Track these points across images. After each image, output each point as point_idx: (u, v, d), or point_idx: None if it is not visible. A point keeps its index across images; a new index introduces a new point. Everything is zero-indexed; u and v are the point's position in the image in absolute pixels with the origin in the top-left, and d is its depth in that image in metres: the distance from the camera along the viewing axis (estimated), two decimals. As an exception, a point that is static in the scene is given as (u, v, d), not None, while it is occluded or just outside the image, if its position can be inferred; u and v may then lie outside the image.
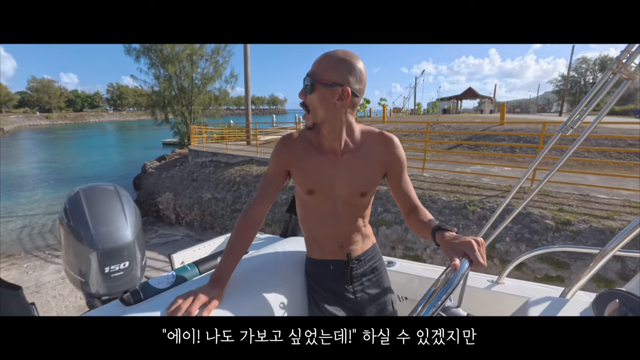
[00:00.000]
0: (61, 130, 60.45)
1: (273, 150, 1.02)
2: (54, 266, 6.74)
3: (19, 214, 11.10)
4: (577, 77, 53.99)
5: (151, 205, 10.84)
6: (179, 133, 20.45)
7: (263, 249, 1.28)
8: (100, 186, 1.37)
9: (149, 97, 20.14)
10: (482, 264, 0.67)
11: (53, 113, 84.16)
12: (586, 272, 0.89)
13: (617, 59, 1.01)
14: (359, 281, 1.10)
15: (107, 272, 1.23)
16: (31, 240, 8.73)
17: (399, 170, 1.01)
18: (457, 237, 0.74)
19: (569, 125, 1.14)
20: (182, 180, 10.36)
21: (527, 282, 1.28)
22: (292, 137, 1.01)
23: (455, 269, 0.64)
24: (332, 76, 0.85)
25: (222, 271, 0.93)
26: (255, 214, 1.00)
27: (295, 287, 1.13)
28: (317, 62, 0.88)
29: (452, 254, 0.70)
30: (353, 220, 1.07)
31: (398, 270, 1.40)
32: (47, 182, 16.45)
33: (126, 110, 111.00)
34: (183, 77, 19.05)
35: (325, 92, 0.87)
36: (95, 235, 1.19)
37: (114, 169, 20.13)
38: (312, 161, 0.98)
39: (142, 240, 1.40)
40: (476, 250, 0.68)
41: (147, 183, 11.97)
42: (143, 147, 32.27)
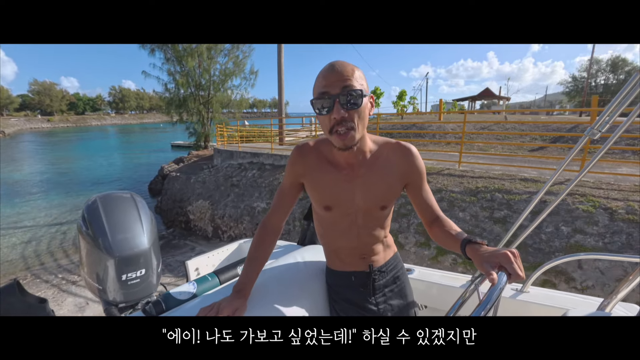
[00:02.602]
0: (63, 133, 59.13)
1: (288, 160, 1.00)
2: (72, 299, 5.12)
3: (22, 225, 9.44)
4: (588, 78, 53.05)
5: (178, 215, 9.23)
6: (195, 134, 18.83)
7: (282, 257, 1.26)
8: (116, 194, 1.36)
9: (161, 95, 18.51)
10: (521, 276, 0.65)
11: (54, 116, 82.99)
12: (628, 282, 0.80)
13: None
14: (382, 292, 1.07)
15: (124, 280, 1.20)
16: (38, 259, 7.10)
17: (419, 180, 0.98)
18: (490, 250, 0.72)
19: (597, 129, 1.07)
20: (217, 185, 8.75)
21: (554, 290, 1.24)
22: (308, 147, 0.98)
23: (494, 283, 0.62)
24: (364, 85, 0.83)
25: (244, 282, 0.94)
26: (273, 223, 1.02)
27: (317, 297, 1.12)
28: (346, 71, 0.80)
29: (487, 268, 0.67)
30: (374, 232, 1.03)
31: (417, 277, 1.40)
32: (52, 187, 14.79)
33: (128, 113, 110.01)
34: (200, 72, 17.51)
35: (366, 102, 0.84)
36: (112, 243, 1.19)
37: (124, 173, 18.48)
38: (328, 178, 0.95)
39: (158, 247, 1.36)
40: (513, 263, 0.66)
41: (171, 189, 10.35)
42: (150, 149, 30.78)
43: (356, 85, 0.79)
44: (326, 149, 0.96)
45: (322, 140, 0.97)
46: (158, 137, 45.62)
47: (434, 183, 5.48)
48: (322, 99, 0.80)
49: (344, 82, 0.78)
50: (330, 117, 0.81)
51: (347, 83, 0.78)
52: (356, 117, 0.81)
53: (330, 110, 0.80)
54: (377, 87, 16.98)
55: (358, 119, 0.82)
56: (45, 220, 9.85)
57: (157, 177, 14.90)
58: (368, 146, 0.94)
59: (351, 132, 0.82)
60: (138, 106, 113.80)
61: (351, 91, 0.78)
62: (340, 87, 0.78)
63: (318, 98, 0.81)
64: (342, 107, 0.79)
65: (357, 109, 0.80)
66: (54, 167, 20.61)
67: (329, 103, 0.79)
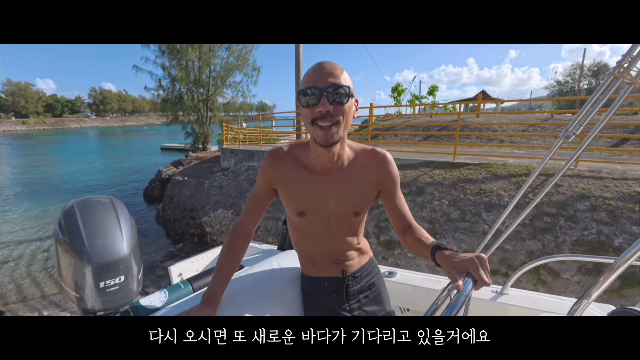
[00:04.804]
0: (40, 136, 55.52)
1: (262, 165, 0.98)
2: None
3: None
4: (572, 83, 54.49)
5: (190, 227, 7.75)
6: (193, 134, 17.18)
7: (258, 264, 1.25)
8: (95, 198, 1.31)
9: (155, 92, 16.79)
10: (486, 282, 0.64)
11: (30, 118, 78.49)
12: (600, 283, 0.81)
13: (618, 63, 1.01)
14: (356, 298, 1.06)
15: (102, 287, 1.17)
16: (18, 290, 5.52)
17: (392, 187, 0.98)
18: (457, 256, 0.72)
19: (571, 132, 1.13)
20: (241, 191, 7.31)
21: (533, 292, 1.26)
22: (282, 152, 0.96)
23: (459, 290, 0.62)
24: (351, 86, 0.82)
25: (213, 290, 0.93)
26: (244, 230, 1.01)
27: (291, 304, 1.11)
28: (335, 69, 0.81)
29: (454, 274, 0.67)
30: (347, 238, 1.03)
31: (399, 281, 1.39)
32: (29, 196, 12.90)
33: (109, 115, 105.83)
34: (200, 65, 15.95)
35: (352, 103, 0.84)
36: (90, 249, 1.14)
37: (112, 178, 16.61)
38: (302, 183, 0.94)
39: (139, 253, 1.31)
40: (479, 269, 0.65)
41: (178, 196, 8.83)
42: (137, 152, 28.76)
43: (343, 83, 0.79)
44: (301, 154, 0.95)
45: (297, 145, 0.97)
46: (144, 140, 43.44)
47: (571, 187, 4.24)
48: (309, 92, 0.80)
49: (333, 79, 0.79)
50: (315, 109, 0.80)
51: (335, 80, 0.79)
52: (341, 114, 0.81)
53: (316, 103, 0.79)
54: (399, 83, 16.14)
55: (342, 116, 0.82)
56: (22, 236, 8.14)
57: (153, 181, 13.24)
58: (345, 151, 0.93)
59: (334, 128, 0.81)
60: (120, 108, 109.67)
61: (339, 87, 0.79)
62: (328, 82, 0.79)
63: (305, 90, 0.80)
64: (329, 101, 0.79)
65: (343, 105, 0.80)
66: (31, 173, 18.42)
67: (316, 96, 0.79)
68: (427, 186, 4.98)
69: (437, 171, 5.28)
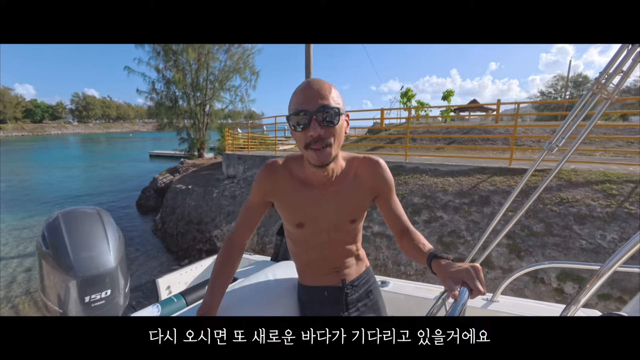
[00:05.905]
0: (18, 142, 52.86)
1: (257, 177, 0.97)
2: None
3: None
4: (555, 94, 56.24)
5: (197, 242, 6.86)
6: (188, 139, 16.21)
7: (253, 275, 1.23)
8: (80, 209, 1.27)
9: (148, 96, 15.77)
10: (482, 292, 0.65)
11: (7, 124, 75.07)
12: (587, 289, 0.82)
13: (596, 80, 1.06)
14: (355, 307, 1.06)
15: (88, 302, 1.12)
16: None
17: (387, 192, 0.98)
18: (453, 265, 0.72)
19: (554, 144, 1.16)
20: (258, 201, 6.51)
21: (523, 299, 1.28)
22: (277, 165, 0.95)
23: (456, 300, 0.63)
24: (340, 104, 0.82)
25: (209, 304, 0.91)
26: (238, 241, 1.00)
27: (289, 315, 1.09)
28: (323, 89, 0.79)
29: (450, 284, 0.67)
30: (345, 246, 1.04)
31: (392, 290, 1.39)
32: (6, 207, 11.65)
33: (92, 122, 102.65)
34: (197, 67, 15.10)
35: (342, 121, 0.84)
36: (74, 262, 1.10)
37: (98, 187, 15.38)
38: (299, 196, 0.94)
39: (126, 266, 1.27)
40: (475, 278, 0.66)
41: (180, 206, 7.91)
42: (124, 160, 27.42)
43: (333, 103, 0.78)
44: (297, 168, 0.95)
45: (293, 158, 0.96)
46: (130, 147, 41.84)
47: None
48: (299, 115, 0.79)
49: (322, 100, 0.78)
50: (306, 134, 0.79)
51: (324, 101, 0.78)
52: (332, 134, 0.81)
53: (306, 127, 0.78)
54: (409, 88, 15.73)
55: (334, 136, 0.81)
56: (1, 252, 7.05)
57: (147, 190, 12.19)
58: (339, 163, 0.93)
59: (327, 149, 0.81)
60: (104, 115, 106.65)
61: (328, 109, 0.78)
62: (317, 105, 0.78)
63: (295, 114, 0.79)
64: (319, 124, 0.78)
65: (334, 127, 0.80)
66: (9, 182, 16.98)
67: (305, 120, 0.78)
68: (492, 195, 4.31)
69: (497, 178, 4.64)
